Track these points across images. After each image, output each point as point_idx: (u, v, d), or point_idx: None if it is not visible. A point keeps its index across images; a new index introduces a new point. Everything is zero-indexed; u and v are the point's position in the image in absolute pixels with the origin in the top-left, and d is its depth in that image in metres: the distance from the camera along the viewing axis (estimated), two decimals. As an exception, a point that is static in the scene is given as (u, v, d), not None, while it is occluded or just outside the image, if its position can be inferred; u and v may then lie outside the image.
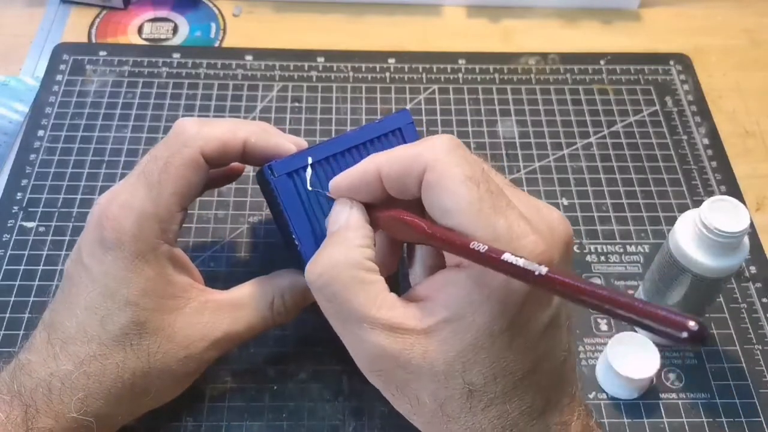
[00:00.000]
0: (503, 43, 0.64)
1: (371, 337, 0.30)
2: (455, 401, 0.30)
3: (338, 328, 0.32)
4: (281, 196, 0.36)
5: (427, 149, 0.31)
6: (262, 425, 0.42)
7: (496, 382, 0.29)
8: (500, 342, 0.29)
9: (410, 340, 0.30)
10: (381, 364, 0.31)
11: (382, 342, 0.30)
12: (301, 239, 0.36)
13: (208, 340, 0.37)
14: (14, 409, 0.34)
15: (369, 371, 0.32)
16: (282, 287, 0.39)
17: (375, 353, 0.30)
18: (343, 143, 0.37)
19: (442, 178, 0.30)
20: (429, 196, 0.30)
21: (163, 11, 0.64)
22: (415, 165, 0.31)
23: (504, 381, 0.30)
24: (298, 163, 0.36)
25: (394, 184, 0.32)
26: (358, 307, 0.30)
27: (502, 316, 0.29)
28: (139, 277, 0.35)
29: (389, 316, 0.30)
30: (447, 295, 0.30)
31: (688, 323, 0.21)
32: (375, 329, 0.30)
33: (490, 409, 0.30)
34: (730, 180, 0.55)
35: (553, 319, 0.30)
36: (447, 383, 0.30)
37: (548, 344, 0.31)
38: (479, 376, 0.29)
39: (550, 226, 0.31)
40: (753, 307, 0.48)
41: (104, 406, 0.35)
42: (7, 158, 0.53)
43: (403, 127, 0.37)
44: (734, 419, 0.43)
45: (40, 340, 0.36)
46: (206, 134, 0.37)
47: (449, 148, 0.30)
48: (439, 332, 0.29)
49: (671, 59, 0.63)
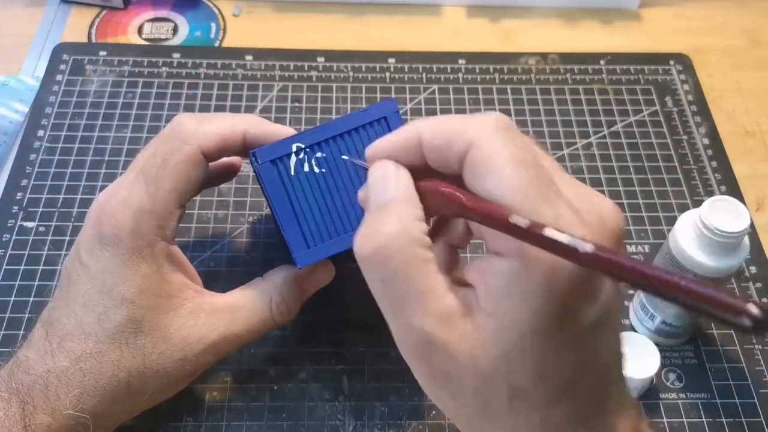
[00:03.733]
0: (503, 43, 0.64)
1: (424, 324, 0.28)
2: (498, 402, 0.28)
3: (388, 310, 0.29)
4: (265, 183, 0.36)
5: (474, 125, 0.28)
6: (262, 425, 0.42)
7: (541, 385, 0.28)
8: (546, 340, 0.27)
9: (459, 332, 0.28)
10: (429, 353, 0.28)
11: (434, 330, 0.28)
12: (284, 226, 0.36)
13: (205, 343, 0.37)
14: (12, 405, 0.34)
15: (414, 359, 0.29)
16: (278, 285, 0.39)
17: (425, 340, 0.28)
18: (328, 131, 0.37)
19: (488, 158, 0.27)
20: (472, 175, 0.28)
21: (163, 11, 0.64)
22: (459, 139, 0.28)
23: (549, 383, 0.28)
24: (283, 150, 0.36)
25: (435, 155, 0.30)
26: (415, 289, 0.28)
27: (547, 312, 0.27)
28: (135, 274, 0.35)
29: (443, 303, 0.28)
30: (489, 286, 0.28)
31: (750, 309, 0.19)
32: (428, 315, 0.28)
33: (534, 412, 0.28)
34: (730, 180, 0.55)
35: (601, 317, 0.28)
36: (491, 383, 0.28)
37: (597, 343, 0.28)
38: (524, 377, 0.27)
39: (601, 217, 0.28)
40: (753, 307, 0.48)
41: (100, 404, 0.35)
42: (7, 158, 0.53)
43: (389, 116, 0.37)
44: (734, 419, 0.43)
45: (38, 337, 0.36)
46: (205, 131, 0.37)
47: (499, 127, 0.28)
48: (484, 327, 0.27)
49: (671, 59, 0.63)
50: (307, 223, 0.36)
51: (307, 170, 0.36)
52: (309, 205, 0.37)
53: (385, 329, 0.47)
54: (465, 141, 0.28)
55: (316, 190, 0.37)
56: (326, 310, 0.46)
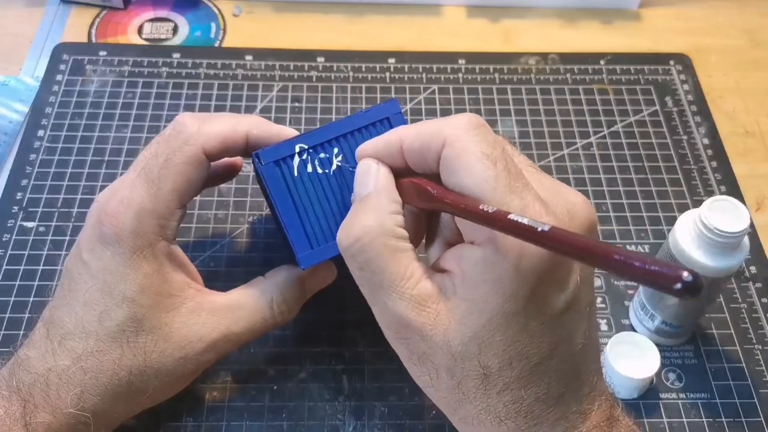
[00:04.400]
0: (503, 43, 0.64)
1: (399, 307, 0.30)
2: (471, 381, 0.30)
3: (368, 295, 0.32)
4: (268, 184, 0.36)
5: (448, 125, 0.31)
6: (262, 425, 0.42)
7: (512, 367, 0.29)
8: (515, 324, 0.29)
9: (433, 315, 0.30)
10: (406, 334, 0.31)
11: (409, 313, 0.30)
12: (288, 227, 0.36)
13: (206, 342, 0.37)
14: (13, 404, 0.34)
15: (394, 338, 0.32)
16: (279, 284, 0.39)
17: (401, 323, 0.31)
18: (331, 132, 0.37)
19: (459, 154, 0.30)
20: (446, 172, 0.31)
21: (163, 11, 0.64)
22: (435, 139, 0.31)
23: (519, 366, 0.29)
24: (286, 151, 0.36)
25: (415, 157, 0.32)
26: (389, 275, 0.31)
27: (516, 297, 0.29)
28: (137, 273, 0.36)
29: (418, 288, 0.30)
30: (463, 272, 0.30)
31: (682, 274, 0.21)
32: (403, 300, 0.30)
33: (505, 393, 0.30)
34: (730, 180, 0.55)
35: (570, 303, 0.30)
36: (463, 363, 0.30)
37: (566, 329, 0.30)
38: (494, 359, 0.29)
39: (570, 210, 0.30)
40: (753, 307, 0.48)
41: (101, 402, 0.35)
42: (7, 158, 0.53)
43: (391, 116, 0.37)
44: (734, 419, 0.43)
45: (39, 336, 0.36)
46: (208, 132, 0.37)
47: (470, 126, 0.31)
48: (457, 310, 0.30)
49: (671, 59, 0.63)
50: (310, 224, 0.36)
51: (310, 171, 0.36)
52: (312, 206, 0.37)
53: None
54: (440, 141, 0.31)
55: (320, 190, 0.37)
56: (326, 310, 0.46)
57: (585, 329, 0.31)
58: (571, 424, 0.31)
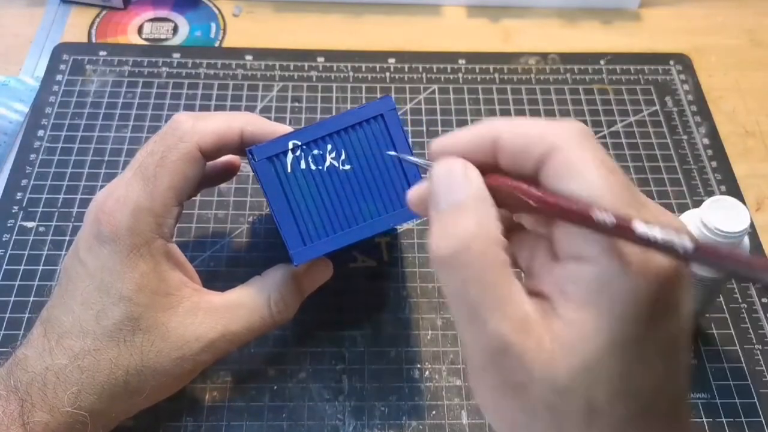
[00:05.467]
0: (503, 43, 0.64)
1: (502, 329, 0.26)
2: (573, 419, 0.26)
3: (462, 314, 0.27)
4: (262, 180, 0.36)
5: (556, 130, 0.27)
6: (262, 425, 0.42)
7: (621, 402, 0.26)
8: (629, 353, 0.25)
9: (536, 341, 0.26)
10: (502, 362, 0.26)
11: (511, 338, 0.26)
12: (280, 223, 0.36)
13: (203, 341, 0.37)
14: (10, 403, 0.34)
15: (484, 367, 0.27)
16: (276, 282, 0.39)
17: (500, 348, 0.26)
18: (324, 128, 0.37)
19: (573, 162, 0.26)
20: (554, 178, 0.27)
21: (163, 11, 0.64)
22: (539, 143, 0.27)
23: (629, 401, 0.26)
24: (280, 147, 0.36)
25: (510, 157, 0.28)
26: (496, 292, 0.26)
27: (632, 323, 0.25)
28: (133, 271, 0.36)
29: (523, 310, 0.26)
30: (567, 294, 0.26)
31: None
32: (507, 321, 0.26)
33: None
34: (730, 180, 0.55)
35: (680, 331, 0.27)
36: (568, 397, 0.26)
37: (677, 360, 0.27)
38: (603, 393, 0.25)
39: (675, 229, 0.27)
40: (753, 307, 0.48)
41: (97, 401, 0.35)
42: (7, 158, 0.53)
43: (385, 113, 0.37)
44: (734, 419, 0.43)
45: (37, 335, 0.36)
46: (202, 128, 0.37)
47: (583, 133, 0.27)
48: (564, 337, 0.26)
49: (671, 59, 0.63)
50: (303, 220, 0.37)
51: (304, 168, 0.37)
52: (306, 202, 0.37)
53: (385, 329, 0.47)
54: (546, 145, 0.27)
55: (313, 187, 0.37)
56: (326, 310, 0.46)
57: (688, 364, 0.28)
58: None
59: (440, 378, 0.44)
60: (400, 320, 0.46)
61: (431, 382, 0.44)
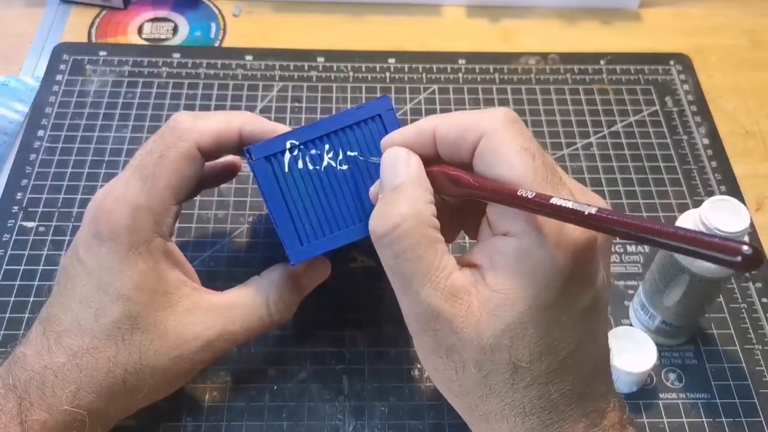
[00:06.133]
0: (503, 43, 0.64)
1: (432, 298, 0.30)
2: (499, 375, 0.30)
3: (398, 285, 0.32)
4: (259, 180, 0.36)
5: (485, 118, 0.31)
6: (262, 425, 0.42)
7: (541, 360, 0.30)
8: (547, 317, 0.29)
9: (465, 307, 0.30)
10: (435, 325, 0.31)
11: (441, 305, 0.30)
12: (277, 222, 0.36)
13: (201, 340, 0.37)
14: (9, 401, 0.34)
15: (421, 331, 0.32)
16: (275, 282, 0.39)
17: (432, 314, 0.30)
18: (322, 128, 0.37)
19: (498, 147, 0.30)
20: (483, 163, 0.31)
21: (163, 11, 0.64)
22: (471, 131, 0.31)
23: (548, 359, 0.30)
24: (277, 147, 0.36)
25: (448, 147, 0.32)
26: (424, 266, 0.30)
27: (550, 289, 0.29)
28: (132, 270, 0.36)
29: (451, 280, 0.30)
30: (495, 265, 0.30)
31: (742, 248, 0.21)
32: (437, 290, 0.30)
33: (532, 387, 0.30)
34: (730, 180, 0.55)
35: (594, 300, 0.30)
36: (494, 356, 0.30)
37: (590, 326, 0.31)
38: (525, 351, 0.29)
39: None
40: (753, 307, 0.48)
41: (96, 400, 0.35)
42: (7, 158, 0.53)
43: (383, 113, 0.37)
44: (734, 419, 0.43)
45: (36, 334, 0.36)
46: (201, 127, 0.37)
47: (508, 120, 0.31)
48: (489, 303, 0.29)
49: (671, 59, 0.63)
50: (300, 219, 0.37)
51: (301, 167, 0.37)
52: (303, 201, 0.37)
53: (385, 329, 0.48)
54: (477, 132, 0.31)
55: (310, 187, 0.37)
56: (326, 310, 0.46)
57: (604, 329, 0.32)
58: (591, 422, 0.31)
59: (440, 378, 0.44)
60: (400, 320, 0.46)
61: (431, 382, 0.44)
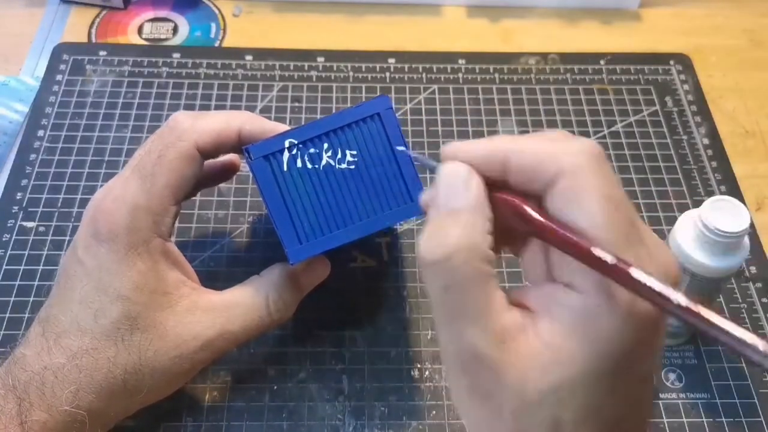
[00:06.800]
0: (503, 43, 0.64)
1: (477, 339, 0.27)
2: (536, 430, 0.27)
3: (440, 317, 0.29)
4: (258, 179, 0.36)
5: (567, 152, 0.28)
6: (262, 425, 0.42)
7: (586, 425, 0.27)
8: (602, 385, 0.26)
9: (512, 355, 0.27)
10: (475, 368, 0.28)
11: (486, 349, 0.27)
12: (276, 221, 0.36)
13: (201, 340, 0.37)
14: (9, 402, 0.34)
15: (458, 370, 0.29)
16: (274, 281, 0.39)
17: (474, 356, 0.27)
18: (321, 127, 0.37)
19: (579, 191, 0.27)
20: (558, 203, 0.27)
21: (163, 11, 0.64)
22: (549, 165, 0.27)
23: (595, 425, 0.27)
24: (276, 146, 0.36)
25: (518, 176, 0.28)
26: (473, 304, 0.27)
27: (609, 359, 0.26)
28: (131, 270, 0.36)
29: (501, 323, 0.27)
30: (553, 316, 0.27)
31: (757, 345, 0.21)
32: (483, 333, 0.27)
33: None
34: (730, 180, 0.55)
35: (650, 371, 0.28)
36: (535, 411, 0.27)
37: (642, 396, 0.28)
38: (569, 413, 0.26)
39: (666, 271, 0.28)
40: (753, 307, 0.48)
41: (96, 400, 0.35)
42: (7, 158, 0.53)
43: (381, 112, 0.37)
44: (734, 419, 0.43)
45: (35, 335, 0.36)
46: (200, 127, 0.37)
47: (592, 158, 0.27)
48: (540, 356, 0.26)
49: (671, 59, 0.63)
50: (299, 218, 0.37)
51: (300, 166, 0.37)
52: (301, 201, 0.37)
53: (385, 329, 0.47)
54: (556, 167, 0.27)
55: (309, 186, 0.37)
56: (326, 310, 0.46)
57: (651, 394, 0.29)
58: None
59: (440, 378, 0.44)
60: (400, 320, 0.46)
61: (431, 382, 0.44)
